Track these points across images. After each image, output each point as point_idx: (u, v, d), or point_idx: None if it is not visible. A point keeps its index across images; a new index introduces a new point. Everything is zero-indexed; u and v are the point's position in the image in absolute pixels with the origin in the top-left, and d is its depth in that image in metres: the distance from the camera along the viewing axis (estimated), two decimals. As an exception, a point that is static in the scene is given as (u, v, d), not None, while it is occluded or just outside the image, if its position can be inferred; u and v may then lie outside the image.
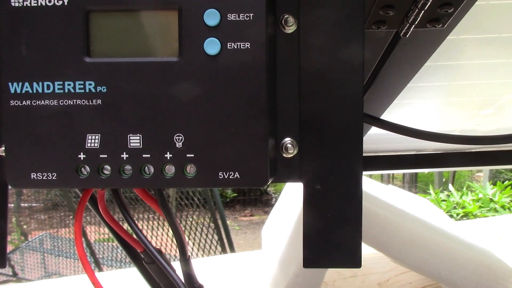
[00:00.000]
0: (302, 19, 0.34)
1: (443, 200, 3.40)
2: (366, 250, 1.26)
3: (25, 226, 4.65)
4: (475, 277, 0.94)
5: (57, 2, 0.31)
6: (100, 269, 3.60)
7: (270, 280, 1.06)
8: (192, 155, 0.31)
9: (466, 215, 3.09)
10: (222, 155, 0.31)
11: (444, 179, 5.39)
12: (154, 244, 0.42)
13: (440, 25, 0.48)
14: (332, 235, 0.35)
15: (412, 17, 0.45)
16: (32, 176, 0.31)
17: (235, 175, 0.31)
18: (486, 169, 4.32)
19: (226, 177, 0.31)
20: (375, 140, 1.05)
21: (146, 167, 0.31)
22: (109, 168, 0.31)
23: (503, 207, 3.09)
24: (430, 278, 0.96)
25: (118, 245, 0.40)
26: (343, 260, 0.35)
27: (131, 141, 0.31)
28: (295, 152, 0.34)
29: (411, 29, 0.47)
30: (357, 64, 0.34)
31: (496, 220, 1.61)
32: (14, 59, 0.31)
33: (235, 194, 6.05)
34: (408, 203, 1.28)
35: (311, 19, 0.33)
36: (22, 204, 4.82)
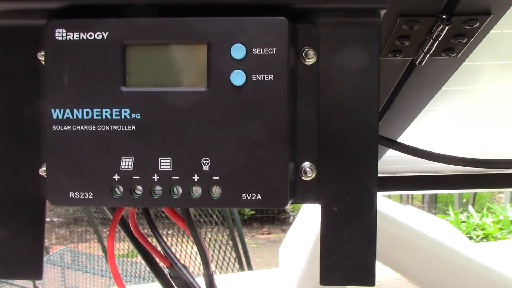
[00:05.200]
0: (321, 51, 0.36)
1: (463, 222, 3.36)
2: (384, 271, 1.27)
3: (46, 240, 4.71)
4: None
5: (97, 36, 0.34)
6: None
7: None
8: (218, 178, 0.34)
9: (486, 237, 3.05)
10: (246, 178, 0.34)
11: (464, 200, 5.34)
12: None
13: (455, 54, 0.50)
14: (348, 254, 0.37)
15: (427, 47, 0.47)
16: (70, 195, 0.34)
17: (258, 197, 0.33)
18: (507, 190, 4.27)
19: (249, 198, 0.34)
20: (395, 161, 1.07)
21: (175, 188, 0.34)
22: (141, 188, 0.34)
23: (524, 229, 3.06)
24: None
25: (138, 260, 0.42)
26: (358, 279, 0.37)
27: (161, 164, 0.34)
28: (314, 175, 0.36)
29: (426, 58, 0.49)
30: (373, 93, 0.36)
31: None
32: (57, 88, 0.34)
33: (253, 212, 6.05)
34: (427, 224, 1.29)
35: (330, 52, 0.36)
36: (44, 219, 4.88)
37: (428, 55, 0.49)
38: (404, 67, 0.54)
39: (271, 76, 0.33)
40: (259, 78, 0.33)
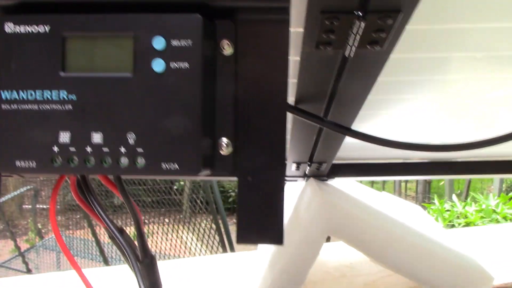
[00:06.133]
0: (238, 43, 0.42)
1: (447, 210, 3.44)
2: (356, 255, 1.33)
3: (40, 227, 4.79)
4: (453, 278, 0.99)
5: (41, 30, 0.40)
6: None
7: (259, 278, 1.13)
8: (142, 150, 0.40)
9: (467, 225, 3.13)
10: (165, 150, 0.40)
11: (459, 191, 5.42)
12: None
13: (380, 47, 0.55)
14: (260, 218, 0.43)
15: (351, 40, 0.53)
16: (16, 163, 0.40)
17: (175, 166, 0.40)
18: (496, 182, 4.35)
19: (168, 167, 0.40)
20: (367, 146, 1.11)
21: (106, 159, 0.40)
22: (76, 159, 0.40)
23: (504, 218, 3.12)
24: (409, 278, 1.02)
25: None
26: (268, 238, 0.43)
27: (94, 138, 0.40)
28: (230, 150, 0.42)
29: (353, 50, 0.55)
30: (282, 80, 0.42)
31: (490, 229, 1.65)
32: (5, 73, 0.40)
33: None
34: (398, 209, 1.34)
35: (246, 44, 0.42)
36: (40, 206, 4.97)
37: (355, 48, 0.54)
38: (338, 58, 0.59)
39: (187, 64, 0.39)
40: (177, 66, 0.39)
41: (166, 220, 4.46)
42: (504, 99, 0.85)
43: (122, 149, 0.40)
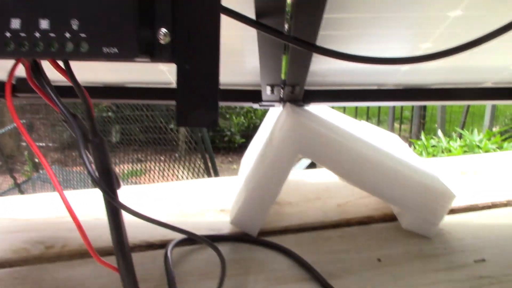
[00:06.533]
0: None
1: (433, 146, 3.52)
2: (333, 180, 1.38)
3: (37, 160, 4.89)
4: (417, 196, 1.04)
5: None
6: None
7: (235, 196, 1.19)
8: (84, 35, 0.44)
9: (450, 158, 3.21)
10: (105, 35, 0.44)
11: (454, 135, 5.48)
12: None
13: None
14: (196, 102, 0.48)
15: None
16: None
17: (115, 50, 0.44)
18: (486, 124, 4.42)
19: (108, 51, 0.44)
20: (341, 72, 1.14)
21: (53, 43, 0.45)
22: (27, 43, 0.45)
23: (487, 152, 3.21)
24: (375, 196, 1.06)
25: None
26: (204, 121, 0.48)
27: (41, 24, 0.44)
28: (168, 39, 0.47)
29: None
30: None
31: (464, 158, 1.70)
32: None
33: (243, 140, 6.20)
34: (373, 134, 1.39)
35: None
36: (38, 143, 5.05)
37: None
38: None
39: None
40: None
41: (162, 157, 4.56)
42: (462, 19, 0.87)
43: (67, 34, 0.44)
